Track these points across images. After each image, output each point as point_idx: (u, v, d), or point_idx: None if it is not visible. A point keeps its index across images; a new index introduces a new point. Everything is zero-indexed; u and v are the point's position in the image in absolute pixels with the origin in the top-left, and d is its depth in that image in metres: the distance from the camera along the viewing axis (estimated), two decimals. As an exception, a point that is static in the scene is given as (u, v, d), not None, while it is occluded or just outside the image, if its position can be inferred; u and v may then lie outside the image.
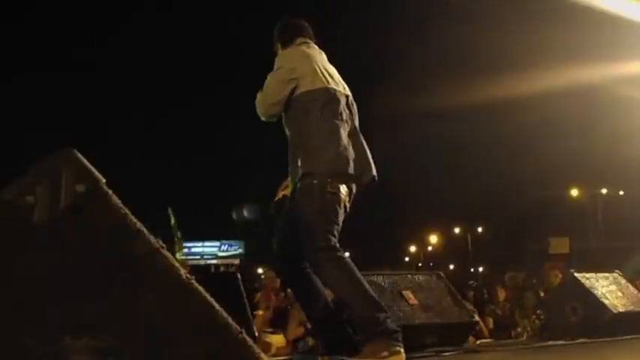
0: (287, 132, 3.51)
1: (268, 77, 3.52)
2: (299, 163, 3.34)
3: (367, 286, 3.23)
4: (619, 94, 15.39)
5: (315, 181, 3.28)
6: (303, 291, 3.54)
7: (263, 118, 3.54)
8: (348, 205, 3.40)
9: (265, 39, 3.72)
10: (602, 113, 20.71)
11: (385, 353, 3.03)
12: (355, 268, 3.24)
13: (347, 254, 3.42)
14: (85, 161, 1.59)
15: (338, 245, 3.27)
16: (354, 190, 3.43)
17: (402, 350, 3.09)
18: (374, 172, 3.49)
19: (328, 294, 3.57)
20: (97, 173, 1.59)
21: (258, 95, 3.52)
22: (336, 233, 3.28)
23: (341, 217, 3.34)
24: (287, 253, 3.49)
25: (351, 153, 3.37)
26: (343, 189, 3.32)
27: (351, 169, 3.34)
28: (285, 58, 3.52)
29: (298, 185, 3.35)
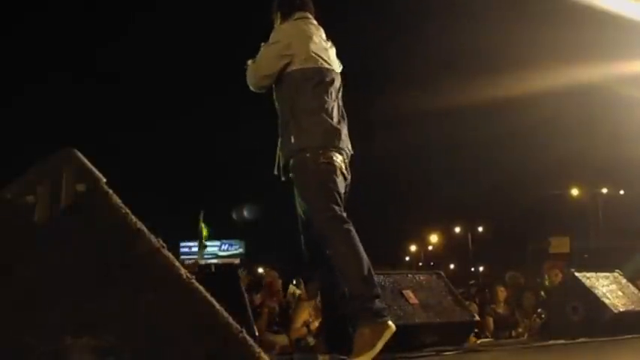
0: (277, 106, 3.56)
1: (262, 49, 3.56)
2: (292, 139, 3.38)
3: (366, 261, 3.25)
4: (620, 94, 15.39)
5: (308, 155, 3.33)
6: (324, 279, 3.54)
7: (252, 89, 3.59)
8: (346, 173, 3.43)
9: (265, 38, 3.72)
10: (603, 113, 20.72)
11: (376, 336, 3.06)
12: (358, 242, 3.26)
13: None
14: (86, 161, 1.59)
15: (345, 215, 3.29)
16: (347, 162, 3.46)
17: (390, 322, 3.13)
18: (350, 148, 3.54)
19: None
20: (97, 173, 1.59)
21: (250, 64, 3.56)
22: (339, 201, 3.32)
23: (341, 185, 3.38)
24: (313, 239, 3.49)
25: (341, 129, 3.44)
26: (337, 157, 3.36)
27: (341, 144, 3.40)
28: (281, 33, 3.56)
29: (292, 162, 3.39)
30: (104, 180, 1.59)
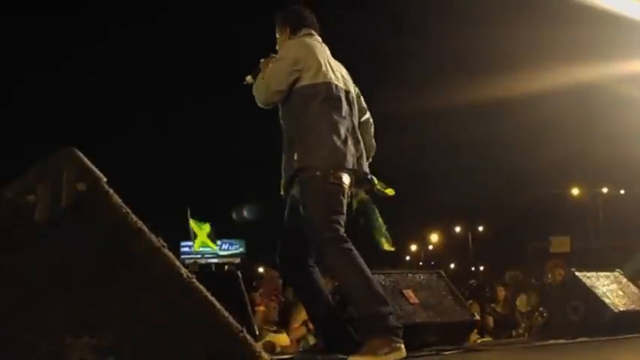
0: (283, 122, 3.51)
1: (272, 65, 3.51)
2: (295, 157, 3.34)
3: (372, 279, 3.21)
4: (619, 93, 15.39)
5: (318, 173, 3.28)
6: (305, 290, 3.54)
7: (261, 104, 3.52)
8: (349, 194, 3.41)
9: (265, 39, 3.71)
10: (603, 112, 20.70)
11: (386, 349, 3.02)
12: (361, 260, 3.22)
13: None
14: (86, 160, 1.59)
15: (345, 235, 3.26)
16: (353, 185, 3.44)
17: (403, 346, 3.09)
18: (366, 168, 3.50)
19: (329, 292, 3.58)
20: (97, 172, 1.59)
21: (259, 80, 3.50)
22: (342, 222, 3.28)
23: (345, 207, 3.34)
24: (290, 251, 3.49)
25: (349, 148, 3.37)
26: (346, 179, 3.33)
27: (349, 164, 3.35)
28: (289, 49, 3.51)
29: (298, 179, 3.34)
30: (105, 179, 1.59)
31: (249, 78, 3.64)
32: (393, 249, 3.67)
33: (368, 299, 3.15)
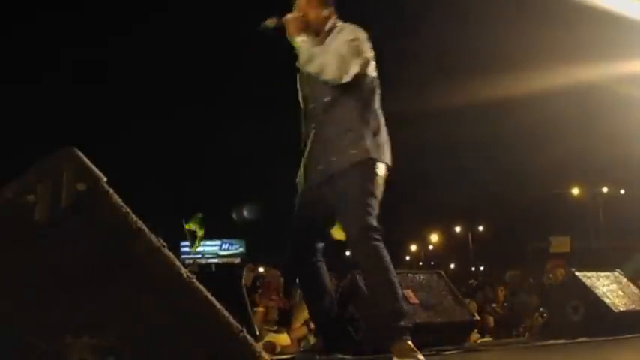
0: (332, 106, 3.29)
1: (356, 44, 3.27)
2: (354, 149, 3.23)
3: (396, 277, 3.21)
4: (619, 93, 15.40)
5: (374, 164, 3.25)
6: (310, 287, 3.52)
7: (334, 80, 3.22)
8: None
9: (264, 39, 3.66)
10: (603, 112, 20.73)
11: (414, 348, 3.01)
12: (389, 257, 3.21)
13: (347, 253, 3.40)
14: (86, 160, 1.59)
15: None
16: None
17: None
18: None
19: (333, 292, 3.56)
20: (97, 172, 1.59)
21: (337, 56, 3.21)
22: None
23: None
24: (301, 246, 3.45)
25: (389, 143, 3.39)
26: (385, 172, 3.32)
27: (390, 163, 3.35)
28: (360, 34, 3.33)
29: (351, 169, 3.24)
30: (104, 179, 1.59)
31: (270, 21, 3.36)
32: (342, 238, 3.59)
33: (393, 295, 3.14)
